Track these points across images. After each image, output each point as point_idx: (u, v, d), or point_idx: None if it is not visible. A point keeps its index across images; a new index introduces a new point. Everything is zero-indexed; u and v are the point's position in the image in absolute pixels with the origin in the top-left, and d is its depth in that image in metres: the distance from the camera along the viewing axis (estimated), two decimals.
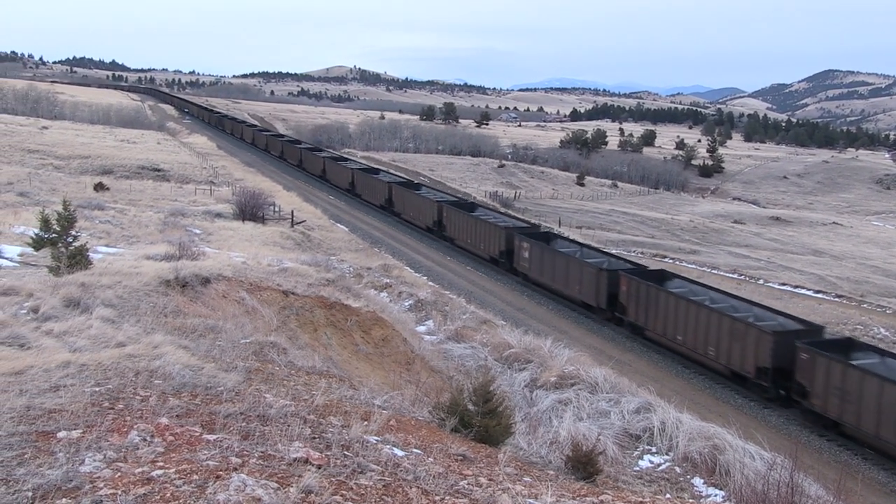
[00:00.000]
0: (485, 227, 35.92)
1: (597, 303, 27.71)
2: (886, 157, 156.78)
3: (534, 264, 31.65)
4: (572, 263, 29.40)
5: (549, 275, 30.65)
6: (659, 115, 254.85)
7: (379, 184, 50.45)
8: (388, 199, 48.02)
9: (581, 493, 7.15)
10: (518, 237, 33.01)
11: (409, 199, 45.47)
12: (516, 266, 33.06)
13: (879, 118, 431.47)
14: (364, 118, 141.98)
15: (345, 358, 15.57)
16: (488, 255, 35.20)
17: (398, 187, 48.02)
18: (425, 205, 42.99)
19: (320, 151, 72.02)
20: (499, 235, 34.36)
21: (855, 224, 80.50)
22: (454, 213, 39.24)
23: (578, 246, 32.66)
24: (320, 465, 5.77)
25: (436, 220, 41.01)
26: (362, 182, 53.68)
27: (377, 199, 49.96)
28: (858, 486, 15.45)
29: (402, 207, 46.08)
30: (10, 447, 5.57)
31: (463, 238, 37.84)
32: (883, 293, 40.69)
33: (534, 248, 31.83)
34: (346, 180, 56.61)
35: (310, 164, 67.58)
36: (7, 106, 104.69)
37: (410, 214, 44.72)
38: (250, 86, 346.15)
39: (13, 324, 10.29)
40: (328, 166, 62.68)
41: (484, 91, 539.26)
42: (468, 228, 37.40)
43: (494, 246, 34.61)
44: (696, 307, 23.30)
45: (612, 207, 75.88)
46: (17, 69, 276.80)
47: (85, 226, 27.01)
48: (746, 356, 21.22)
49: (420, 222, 43.24)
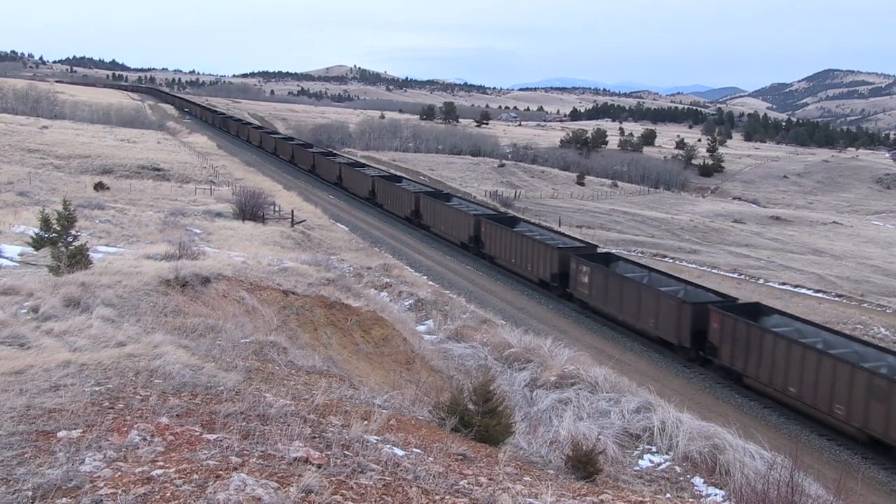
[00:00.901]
0: (533, 245, 31.96)
1: (678, 340, 23.67)
2: (886, 157, 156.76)
3: (595, 291, 27.92)
4: (645, 292, 25.52)
5: (614, 304, 26.87)
6: (659, 115, 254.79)
7: (404, 193, 46.10)
8: (415, 210, 43.69)
9: (581, 492, 7.15)
10: (575, 259, 29.24)
11: (440, 211, 40.70)
12: (572, 291, 29.37)
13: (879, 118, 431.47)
14: (364, 118, 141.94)
15: (345, 357, 15.58)
16: (537, 277, 31.44)
17: (427, 198, 43.59)
18: (460, 218, 38.51)
19: (335, 156, 68.29)
20: (551, 256, 30.57)
21: (855, 223, 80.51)
22: (494, 229, 35.07)
23: (645, 270, 28.73)
24: (320, 465, 5.77)
25: (472, 235, 36.77)
26: (384, 190, 49.40)
27: (402, 209, 45.73)
28: (858, 485, 15.45)
29: (431, 220, 41.64)
30: (10, 447, 5.57)
31: (505, 257, 34.01)
32: (883, 293, 40.68)
33: (595, 273, 28.10)
34: (365, 188, 52.41)
35: (324, 171, 63.73)
36: (7, 105, 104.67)
37: (442, 228, 40.13)
38: (250, 85, 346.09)
39: (13, 323, 10.29)
40: (345, 173, 58.37)
41: (484, 91, 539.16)
42: (512, 246, 33.47)
43: (545, 267, 30.82)
44: (815, 354, 19.52)
45: (613, 207, 75.89)
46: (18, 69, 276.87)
47: (85, 225, 27.01)
48: None
49: (453, 237, 38.86)
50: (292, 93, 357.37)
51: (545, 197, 79.79)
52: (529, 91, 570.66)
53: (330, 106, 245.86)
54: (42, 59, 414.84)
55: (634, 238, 56.13)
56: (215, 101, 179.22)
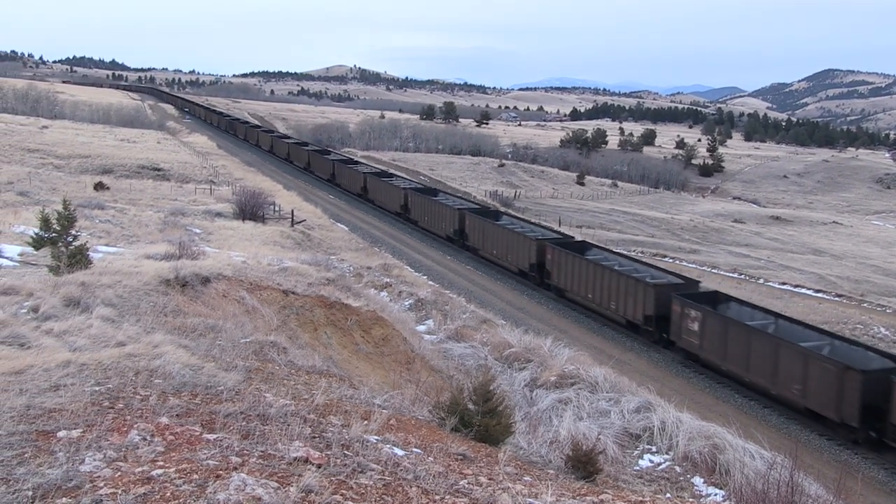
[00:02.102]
0: (618, 279, 27.16)
1: (839, 416, 18.72)
2: (886, 157, 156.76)
3: (711, 341, 22.41)
4: (786, 351, 20.07)
5: (740, 361, 21.47)
6: (659, 115, 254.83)
7: (445, 210, 40.97)
8: (460, 230, 38.71)
9: (581, 492, 7.15)
10: (679, 300, 23.84)
11: (491, 232, 36.47)
12: (674, 338, 24.03)
13: (879, 117, 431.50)
14: (364, 117, 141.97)
15: (345, 357, 15.58)
16: (623, 318, 26.77)
17: (473, 216, 38.25)
18: (517, 242, 33.84)
19: (356, 164, 62.42)
20: (644, 294, 25.21)
21: (855, 223, 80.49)
22: (562, 255, 30.68)
23: (772, 316, 22.88)
24: (320, 465, 5.76)
25: (533, 262, 32.43)
26: (420, 205, 44.18)
27: (443, 228, 40.48)
28: (858, 485, 15.44)
29: (480, 242, 36.86)
30: (11, 446, 5.57)
31: (579, 291, 29.26)
32: (883, 292, 40.67)
33: (710, 320, 22.67)
34: (396, 202, 47.38)
35: (345, 179, 58.42)
36: (7, 105, 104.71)
37: (494, 252, 35.83)
38: (250, 85, 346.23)
39: (13, 323, 10.29)
40: (370, 183, 52.86)
41: (484, 90, 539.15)
42: (586, 276, 28.98)
43: (636, 307, 25.78)
44: None
45: (613, 207, 75.88)
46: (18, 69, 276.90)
47: (85, 225, 27.01)
48: None
49: (509, 264, 34.51)
50: (292, 93, 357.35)
51: (545, 197, 79.81)
52: (529, 91, 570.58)
53: (330, 106, 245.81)
54: (42, 59, 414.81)
55: (634, 238, 56.12)
56: (215, 101, 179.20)
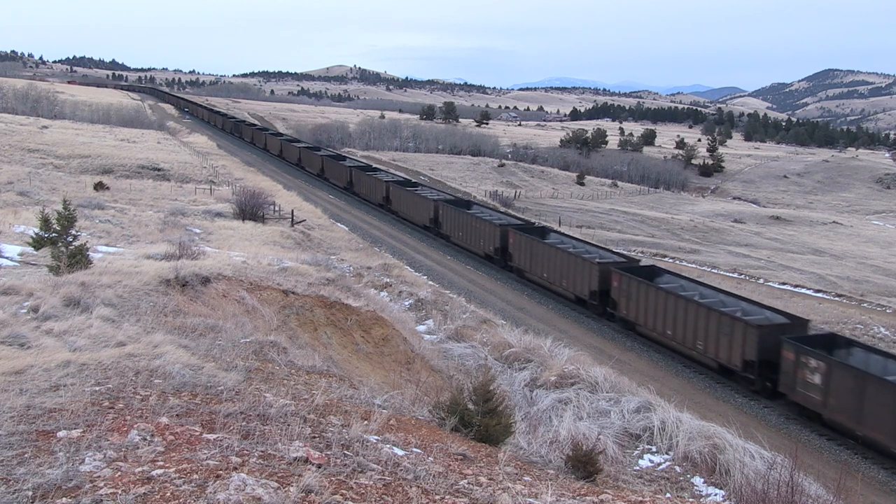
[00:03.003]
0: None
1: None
2: (886, 157, 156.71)
3: (840, 399, 18.69)
4: None
5: (882, 426, 17.67)
6: (659, 115, 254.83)
7: (485, 225, 36.19)
8: (502, 248, 34.48)
9: (581, 492, 7.14)
10: (792, 346, 19.97)
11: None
12: (784, 390, 20.44)
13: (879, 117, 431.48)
14: (364, 117, 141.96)
15: (345, 357, 15.58)
16: (715, 360, 22.77)
17: (517, 233, 33.40)
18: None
19: (374, 171, 56.88)
20: (748, 336, 21.57)
21: (855, 223, 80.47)
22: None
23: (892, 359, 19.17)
24: (320, 465, 5.76)
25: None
26: (452, 218, 39.04)
27: (482, 246, 36.25)
28: (858, 485, 15.44)
29: (525, 263, 33.17)
30: (11, 446, 5.57)
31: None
32: (883, 292, 40.68)
33: (837, 373, 18.64)
34: (425, 216, 41.88)
35: (364, 188, 53.70)
36: (7, 105, 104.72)
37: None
38: (250, 85, 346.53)
39: (13, 323, 10.29)
40: (393, 193, 47.98)
41: (484, 90, 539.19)
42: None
43: (731, 350, 22.06)
44: None
45: (613, 207, 75.87)
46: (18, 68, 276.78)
47: (85, 225, 27.03)
48: None
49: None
50: (292, 93, 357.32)
51: (545, 197, 79.79)
52: (529, 91, 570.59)
53: (330, 106, 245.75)
54: (42, 59, 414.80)
55: (634, 238, 56.12)
56: (215, 101, 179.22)
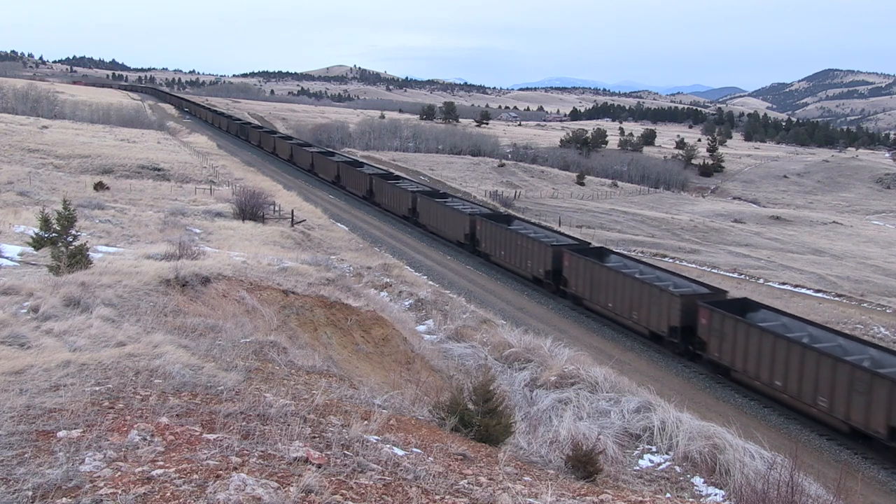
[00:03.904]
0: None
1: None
2: (886, 157, 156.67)
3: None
4: None
5: None
6: (659, 115, 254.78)
7: (533, 244, 32.27)
8: (556, 270, 31.11)
9: (581, 492, 7.14)
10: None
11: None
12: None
13: (879, 117, 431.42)
14: (364, 117, 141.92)
15: (345, 357, 15.58)
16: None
17: (573, 255, 30.25)
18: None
19: (396, 180, 53.39)
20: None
21: (855, 223, 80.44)
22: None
23: None
24: (320, 465, 5.76)
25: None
26: (492, 235, 35.85)
27: (529, 268, 32.93)
28: (858, 485, 15.43)
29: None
30: (11, 446, 5.57)
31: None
32: (883, 292, 40.67)
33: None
34: (460, 231, 38.54)
35: (387, 198, 49.46)
36: (7, 105, 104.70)
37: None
38: (250, 85, 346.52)
39: (13, 323, 10.29)
40: (421, 204, 44.31)
41: (484, 90, 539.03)
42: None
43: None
44: None
45: (613, 207, 75.85)
46: (18, 68, 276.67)
47: (85, 225, 27.03)
48: None
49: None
50: (292, 93, 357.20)
51: (545, 197, 79.77)
52: (529, 91, 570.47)
53: (330, 106, 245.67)
54: (42, 59, 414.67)
55: (634, 238, 56.11)
56: (215, 101, 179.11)
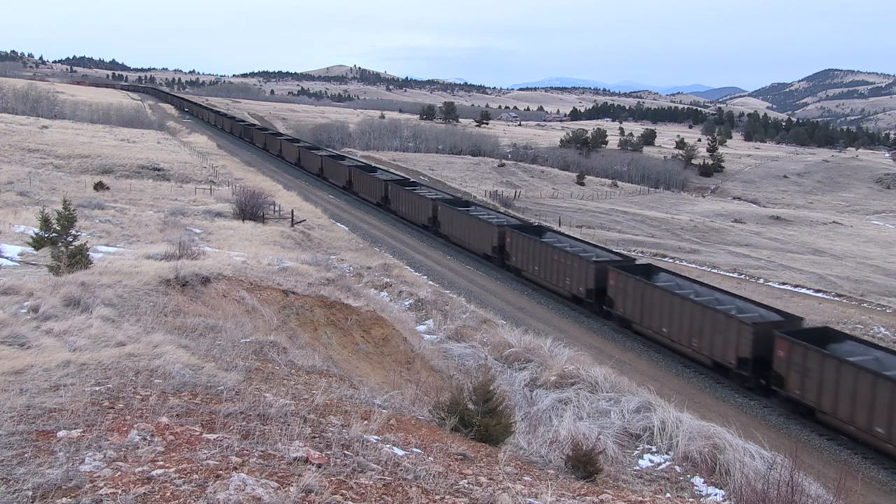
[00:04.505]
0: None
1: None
2: (886, 157, 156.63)
3: None
4: None
5: None
6: (659, 115, 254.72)
7: (572, 260, 29.44)
8: (599, 289, 28.08)
9: (581, 492, 7.14)
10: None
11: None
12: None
13: (879, 117, 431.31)
14: (364, 117, 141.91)
15: (345, 357, 15.58)
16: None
17: (620, 273, 26.79)
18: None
19: (414, 186, 49.78)
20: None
21: (855, 223, 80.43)
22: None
23: None
24: (320, 465, 5.76)
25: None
26: (523, 248, 33.35)
27: (567, 287, 29.90)
28: (859, 485, 15.44)
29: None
30: (11, 446, 5.57)
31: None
32: (883, 292, 40.67)
33: None
34: (487, 243, 36.63)
35: (405, 206, 45.83)
36: (7, 105, 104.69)
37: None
38: (250, 85, 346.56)
39: (13, 323, 10.29)
40: (442, 213, 40.58)
41: (484, 90, 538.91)
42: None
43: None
44: None
45: (613, 207, 75.84)
46: (18, 68, 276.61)
47: (85, 225, 27.03)
48: None
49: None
50: (292, 93, 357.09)
51: (545, 197, 79.77)
52: (529, 91, 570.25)
53: (330, 106, 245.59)
54: (42, 59, 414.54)
55: (634, 238, 56.11)
56: (215, 101, 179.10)
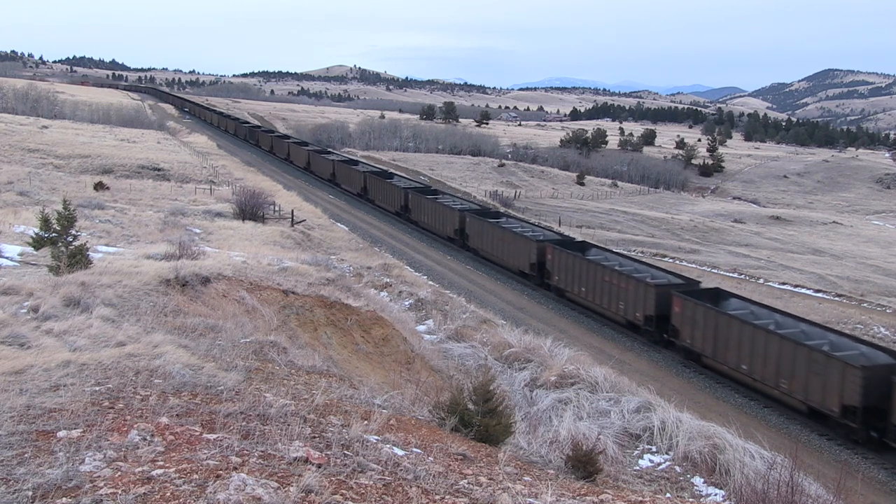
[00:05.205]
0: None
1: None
2: (886, 157, 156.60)
3: None
4: None
5: None
6: (659, 115, 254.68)
7: (631, 283, 26.55)
8: (661, 316, 25.12)
9: (581, 492, 7.14)
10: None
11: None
12: None
13: (879, 117, 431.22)
14: (364, 117, 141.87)
15: (345, 357, 15.58)
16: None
17: (687, 300, 23.98)
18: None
19: (436, 195, 45.89)
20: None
21: (855, 223, 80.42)
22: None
23: None
24: (320, 465, 5.76)
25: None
26: (566, 265, 30.10)
27: (622, 312, 26.87)
28: (858, 485, 15.44)
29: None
30: (11, 446, 5.57)
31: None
32: (883, 292, 40.66)
33: None
34: (525, 260, 32.95)
35: (427, 216, 42.86)
36: (7, 105, 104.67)
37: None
38: (250, 85, 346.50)
39: (13, 323, 10.29)
40: (471, 225, 38.09)
41: (484, 90, 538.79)
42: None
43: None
44: None
45: (613, 207, 75.83)
46: (18, 68, 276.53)
47: (85, 225, 27.02)
48: None
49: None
50: (292, 93, 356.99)
51: (545, 197, 79.77)
52: (529, 91, 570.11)
53: (330, 106, 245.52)
54: (42, 59, 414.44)
55: (634, 238, 56.11)
56: (215, 101, 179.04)
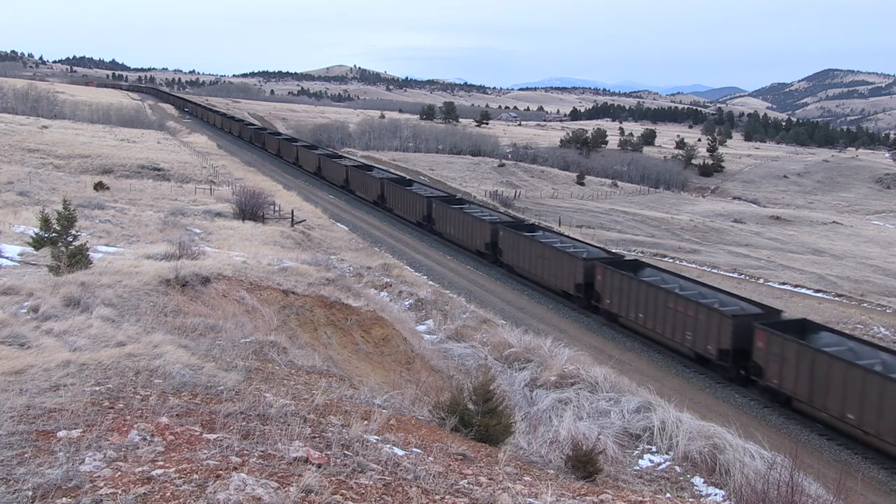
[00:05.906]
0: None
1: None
2: (886, 157, 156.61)
3: None
4: None
5: None
6: (659, 115, 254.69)
7: (702, 312, 23.69)
8: (740, 350, 22.82)
9: (581, 492, 7.14)
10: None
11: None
12: None
13: (879, 117, 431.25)
14: (364, 117, 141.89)
15: (345, 357, 15.58)
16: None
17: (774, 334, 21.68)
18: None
19: (462, 204, 43.06)
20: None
21: (855, 223, 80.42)
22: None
23: None
24: (320, 465, 5.76)
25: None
26: (615, 286, 27.48)
27: (689, 342, 24.14)
28: (858, 485, 15.44)
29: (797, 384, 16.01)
30: (11, 446, 5.57)
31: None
32: (883, 292, 40.67)
33: None
34: (570, 279, 30.60)
35: (454, 228, 39.73)
36: (7, 105, 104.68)
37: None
38: (250, 85, 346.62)
39: (13, 323, 10.29)
40: (504, 239, 34.87)
41: (484, 90, 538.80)
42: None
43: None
44: None
45: (613, 207, 75.84)
46: (18, 68, 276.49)
47: (85, 225, 27.03)
48: None
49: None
50: (292, 93, 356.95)
51: (545, 197, 79.77)
52: (529, 91, 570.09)
53: (330, 106, 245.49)
54: (42, 59, 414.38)
55: (634, 238, 56.11)
56: (215, 101, 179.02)
